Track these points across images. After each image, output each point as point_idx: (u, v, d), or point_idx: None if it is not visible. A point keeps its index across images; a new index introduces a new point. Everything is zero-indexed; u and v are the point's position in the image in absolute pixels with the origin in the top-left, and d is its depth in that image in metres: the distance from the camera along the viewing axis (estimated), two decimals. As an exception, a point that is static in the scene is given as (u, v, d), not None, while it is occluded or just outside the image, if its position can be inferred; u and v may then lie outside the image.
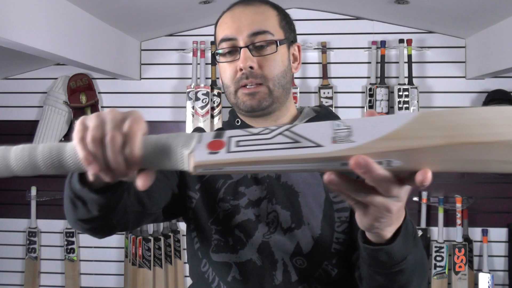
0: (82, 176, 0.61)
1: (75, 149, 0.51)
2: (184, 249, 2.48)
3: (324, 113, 0.97)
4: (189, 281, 1.01)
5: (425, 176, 0.44)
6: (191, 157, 0.48)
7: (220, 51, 0.92)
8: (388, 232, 0.61)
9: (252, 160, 0.46)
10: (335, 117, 0.99)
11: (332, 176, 0.47)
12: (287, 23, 0.95)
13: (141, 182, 0.53)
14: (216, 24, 0.96)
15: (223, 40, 0.91)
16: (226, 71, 0.92)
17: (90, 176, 0.57)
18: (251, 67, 0.88)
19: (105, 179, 0.54)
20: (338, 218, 0.90)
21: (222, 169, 0.47)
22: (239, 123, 0.97)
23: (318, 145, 0.45)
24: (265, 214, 0.91)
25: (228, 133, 0.50)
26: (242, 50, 0.89)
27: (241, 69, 0.89)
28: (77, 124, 0.52)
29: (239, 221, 0.91)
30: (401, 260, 0.65)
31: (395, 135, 0.44)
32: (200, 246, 0.95)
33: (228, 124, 1.01)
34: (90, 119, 0.52)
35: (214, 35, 0.97)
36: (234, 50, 0.90)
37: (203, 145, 0.49)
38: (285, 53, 0.93)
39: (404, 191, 0.50)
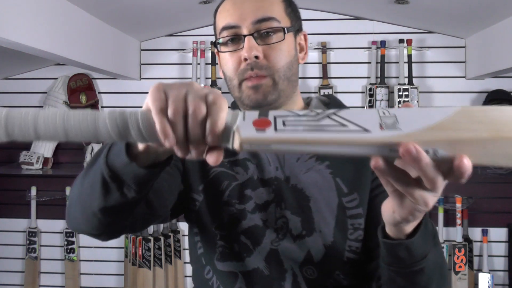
0: (128, 152, 0.58)
1: (146, 118, 0.48)
2: (184, 249, 2.48)
3: (333, 106, 0.91)
4: (189, 281, 1.00)
5: (461, 160, 0.43)
6: (237, 134, 0.47)
7: (221, 40, 0.84)
8: (410, 227, 0.60)
9: (301, 140, 0.46)
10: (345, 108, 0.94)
11: (380, 161, 0.46)
12: (292, 10, 0.88)
13: (213, 158, 0.49)
14: (215, 12, 0.88)
15: (225, 28, 0.83)
16: (229, 62, 0.84)
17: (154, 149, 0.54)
18: (256, 57, 0.81)
19: (176, 153, 0.50)
20: (351, 225, 0.84)
21: (270, 146, 0.47)
22: None
23: (366, 130, 0.45)
24: (274, 220, 0.85)
25: (273, 113, 0.49)
26: (246, 38, 0.81)
27: (245, 59, 0.81)
28: (154, 92, 0.47)
29: (246, 227, 0.85)
30: (421, 258, 0.63)
31: (441, 126, 0.45)
32: (203, 252, 0.90)
33: None
34: (170, 88, 0.48)
35: (214, 23, 0.89)
36: (237, 39, 0.83)
37: (249, 122, 0.48)
38: (292, 42, 0.86)
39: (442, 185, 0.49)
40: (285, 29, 0.83)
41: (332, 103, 0.93)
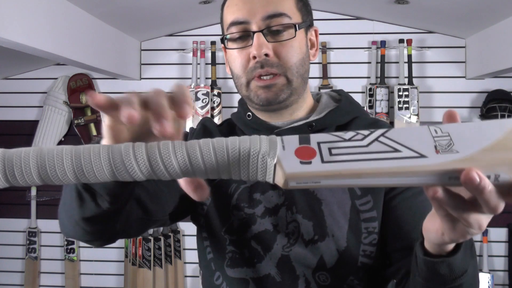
0: None
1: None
2: (184, 249, 2.48)
3: (344, 104, 0.88)
4: (189, 281, 0.99)
5: None
6: (279, 168, 0.41)
7: (228, 36, 0.80)
8: (452, 244, 0.57)
9: (354, 172, 0.40)
10: (356, 106, 0.90)
11: (440, 193, 0.42)
12: (303, 4, 0.84)
13: (198, 195, 0.46)
14: (222, 6, 0.84)
15: (233, 23, 0.79)
16: (237, 59, 0.80)
17: None
18: (266, 55, 0.77)
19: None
20: (365, 229, 0.80)
21: (320, 182, 0.41)
22: (251, 118, 0.86)
23: (422, 155, 0.40)
24: (284, 224, 0.81)
25: (315, 137, 0.43)
26: (255, 35, 0.77)
27: (254, 57, 0.77)
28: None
29: (255, 232, 0.82)
30: (462, 273, 0.59)
31: (500, 145, 0.40)
32: (213, 257, 0.87)
33: (237, 117, 0.90)
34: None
35: (221, 18, 0.85)
36: (245, 35, 0.79)
37: (290, 152, 0.41)
38: (303, 39, 0.82)
39: None
40: (297, 25, 0.79)
41: (343, 99, 0.89)
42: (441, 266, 0.58)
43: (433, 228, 0.52)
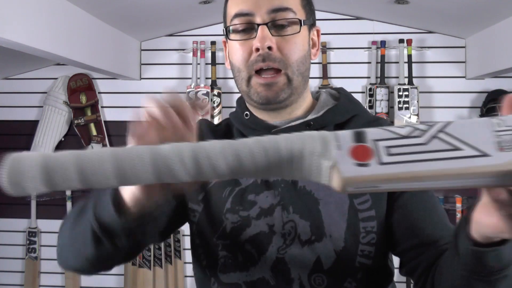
0: (115, 206, 0.57)
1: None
2: (184, 249, 2.48)
3: (343, 102, 0.86)
4: (189, 281, 0.98)
5: None
6: (335, 171, 0.38)
7: (232, 27, 0.79)
8: None
9: (414, 175, 0.37)
10: (356, 104, 0.89)
11: (504, 194, 0.39)
12: (308, 2, 0.84)
13: None
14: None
15: (237, 15, 0.78)
16: (238, 51, 0.79)
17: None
18: (269, 48, 0.76)
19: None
20: (363, 228, 0.79)
21: (378, 187, 0.38)
22: (248, 117, 0.85)
23: (484, 154, 0.37)
24: (281, 224, 0.80)
25: (370, 134, 0.40)
26: (259, 27, 0.76)
27: (257, 49, 0.76)
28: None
29: (250, 235, 0.80)
30: (509, 264, 0.57)
31: None
32: (207, 264, 0.85)
33: (235, 116, 0.89)
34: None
35: (224, 10, 0.84)
36: (249, 28, 0.78)
37: (345, 152, 0.39)
38: (306, 36, 0.82)
39: None
40: (301, 21, 0.79)
41: (342, 97, 0.88)
42: (491, 255, 0.56)
43: (490, 224, 0.49)
